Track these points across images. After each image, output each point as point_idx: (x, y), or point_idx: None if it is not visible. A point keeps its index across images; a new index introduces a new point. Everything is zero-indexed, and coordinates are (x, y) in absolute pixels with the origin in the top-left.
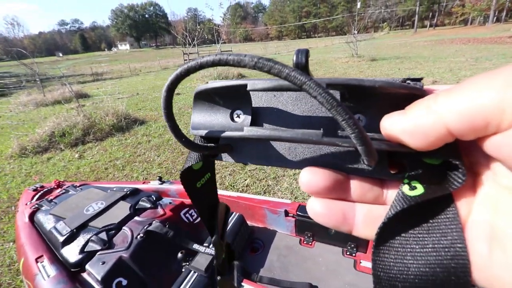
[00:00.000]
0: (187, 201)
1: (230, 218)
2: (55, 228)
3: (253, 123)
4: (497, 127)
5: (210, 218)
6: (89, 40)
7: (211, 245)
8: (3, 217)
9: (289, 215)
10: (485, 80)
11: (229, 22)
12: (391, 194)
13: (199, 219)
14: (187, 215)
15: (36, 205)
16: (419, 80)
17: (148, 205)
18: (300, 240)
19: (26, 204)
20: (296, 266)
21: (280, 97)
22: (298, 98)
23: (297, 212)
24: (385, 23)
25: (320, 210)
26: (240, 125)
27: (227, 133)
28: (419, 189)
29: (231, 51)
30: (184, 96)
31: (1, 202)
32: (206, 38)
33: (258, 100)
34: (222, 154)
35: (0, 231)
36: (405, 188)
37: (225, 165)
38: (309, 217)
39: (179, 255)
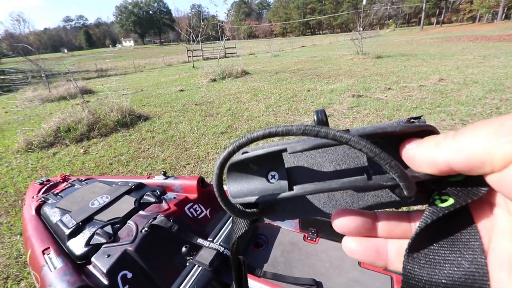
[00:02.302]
0: (191, 196)
1: None
2: (61, 221)
3: (289, 180)
4: (491, 167)
5: (239, 276)
6: (93, 37)
7: (215, 240)
8: (10, 211)
9: None
10: (481, 127)
11: (233, 19)
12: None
13: (203, 213)
14: (191, 210)
15: (43, 199)
16: (419, 117)
17: (153, 200)
18: (304, 236)
19: (33, 198)
20: (300, 262)
21: (308, 154)
22: (323, 153)
23: None
24: (391, 20)
25: (355, 248)
26: (279, 185)
27: (281, 195)
28: (450, 201)
29: (235, 47)
30: (188, 92)
31: (8, 196)
32: (210, 34)
33: (287, 159)
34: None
35: (7, 224)
36: (437, 201)
37: None
38: None
39: (184, 249)
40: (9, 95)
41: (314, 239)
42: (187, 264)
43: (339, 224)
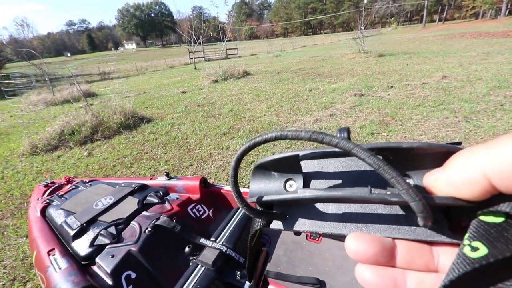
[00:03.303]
0: (194, 196)
1: (237, 213)
2: (65, 222)
3: (304, 186)
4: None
5: (252, 266)
6: (96, 40)
7: (218, 240)
8: (16, 213)
9: None
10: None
11: (234, 20)
12: (443, 261)
13: (206, 214)
14: (194, 210)
15: (47, 200)
16: (459, 144)
17: (156, 200)
18: (307, 235)
19: (38, 200)
20: (303, 261)
21: (325, 163)
22: (343, 164)
23: None
24: (392, 18)
25: (370, 278)
26: (292, 192)
27: (281, 196)
28: (482, 250)
29: (237, 48)
30: (190, 94)
31: (14, 198)
32: (211, 36)
33: (306, 168)
34: (276, 221)
35: (13, 226)
36: (466, 250)
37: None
38: None
39: (187, 249)
40: (14, 99)
41: (317, 238)
42: (190, 264)
43: (355, 249)
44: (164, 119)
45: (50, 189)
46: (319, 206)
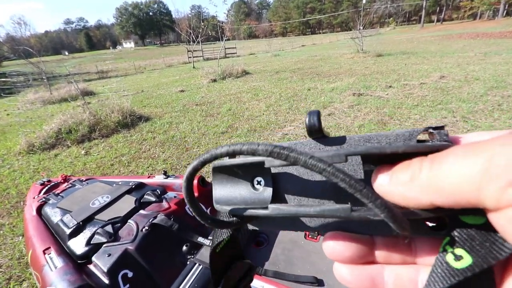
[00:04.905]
0: None
1: None
2: (62, 221)
3: (274, 192)
4: (483, 206)
5: (219, 275)
6: (94, 39)
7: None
8: (12, 212)
9: None
10: (464, 157)
11: (233, 19)
12: (420, 253)
13: None
14: None
15: (44, 199)
16: (442, 128)
17: (153, 199)
18: (305, 234)
19: (34, 198)
20: (301, 259)
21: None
22: None
23: None
24: (391, 18)
25: (347, 277)
26: (262, 196)
27: (252, 212)
28: (466, 259)
29: (235, 48)
30: (188, 93)
31: (10, 197)
32: (210, 35)
33: (274, 168)
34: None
35: (9, 225)
36: (449, 258)
37: None
38: None
39: (184, 248)
40: (11, 97)
41: (315, 237)
42: (188, 262)
43: (331, 250)
44: (162, 118)
45: (47, 188)
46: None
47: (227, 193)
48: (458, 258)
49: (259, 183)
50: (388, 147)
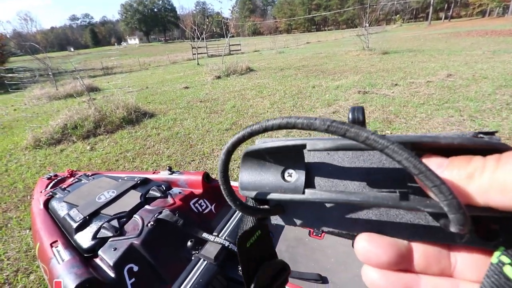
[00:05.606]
0: (197, 191)
1: None
2: (68, 215)
3: (307, 182)
4: None
5: (252, 274)
6: (99, 35)
7: (220, 234)
8: (20, 206)
9: None
10: None
11: (238, 16)
12: (460, 266)
13: (208, 208)
14: (197, 204)
15: (50, 193)
16: (493, 133)
17: (158, 194)
18: (310, 231)
19: (41, 192)
20: (305, 257)
21: (334, 154)
22: (356, 155)
23: None
24: (397, 16)
25: (380, 283)
26: (294, 185)
27: (286, 196)
28: None
29: (240, 44)
30: (193, 89)
31: (17, 191)
32: (214, 31)
33: (308, 155)
34: (274, 216)
35: (17, 218)
36: (508, 270)
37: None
38: None
39: (189, 243)
40: (18, 93)
41: (319, 234)
42: (193, 258)
43: (365, 252)
44: (167, 114)
45: (53, 182)
46: None
47: (255, 180)
48: None
49: (290, 175)
50: (443, 138)
